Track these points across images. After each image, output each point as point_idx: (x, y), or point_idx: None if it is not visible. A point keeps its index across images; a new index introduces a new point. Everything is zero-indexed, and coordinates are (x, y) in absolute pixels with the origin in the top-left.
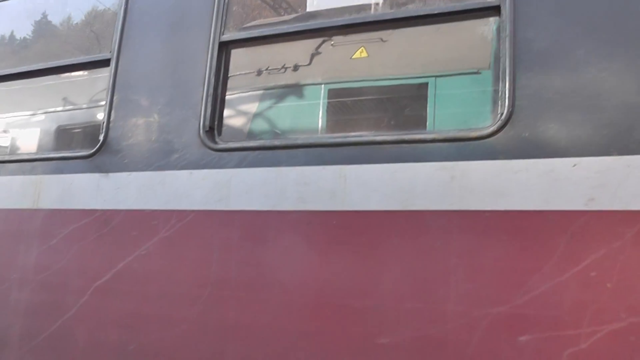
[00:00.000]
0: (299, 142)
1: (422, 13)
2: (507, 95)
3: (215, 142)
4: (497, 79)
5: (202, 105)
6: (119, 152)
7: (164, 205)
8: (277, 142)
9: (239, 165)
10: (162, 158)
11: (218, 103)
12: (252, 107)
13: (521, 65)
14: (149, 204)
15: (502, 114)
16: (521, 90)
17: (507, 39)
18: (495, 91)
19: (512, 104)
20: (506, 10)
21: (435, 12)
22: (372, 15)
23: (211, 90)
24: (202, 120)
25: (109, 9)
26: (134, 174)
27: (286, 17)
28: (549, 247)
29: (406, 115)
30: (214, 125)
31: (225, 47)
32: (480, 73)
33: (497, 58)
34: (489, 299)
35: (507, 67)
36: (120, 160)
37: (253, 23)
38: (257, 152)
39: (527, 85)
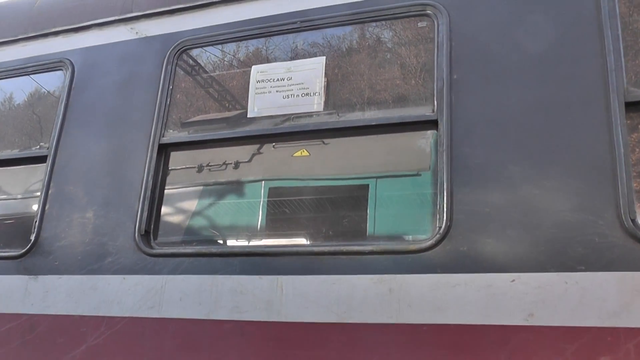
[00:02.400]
0: (236, 250)
1: (362, 124)
2: (445, 209)
3: (150, 247)
4: (435, 192)
5: (138, 208)
6: (50, 253)
7: (94, 311)
8: (213, 249)
9: (174, 271)
10: (95, 261)
11: (155, 206)
12: (190, 211)
13: (458, 180)
14: (78, 309)
15: (440, 228)
16: (459, 205)
17: (445, 154)
18: (434, 203)
19: (450, 218)
20: (443, 124)
21: (374, 123)
22: (312, 124)
23: (148, 193)
24: (138, 224)
25: (49, 102)
26: (64, 277)
27: (228, 114)
28: None
29: (346, 216)
30: (150, 230)
31: (164, 150)
32: (420, 175)
33: (434, 171)
34: None
35: (444, 181)
36: (51, 262)
37: (195, 118)
38: (193, 258)
39: (464, 199)
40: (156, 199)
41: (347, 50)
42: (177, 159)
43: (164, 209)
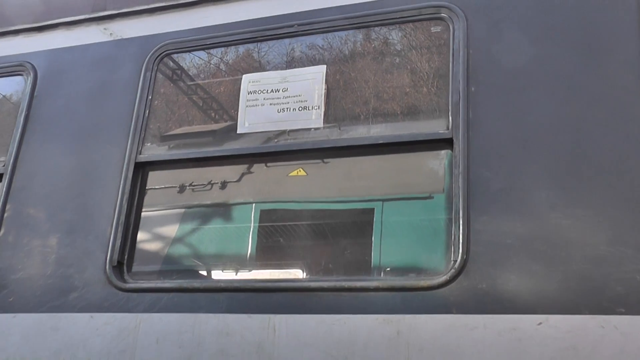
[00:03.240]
0: (222, 284)
1: (367, 142)
2: (460, 240)
3: (123, 281)
4: (449, 219)
5: (110, 235)
6: (3, 287)
7: (54, 356)
8: (196, 284)
9: (150, 308)
10: (58, 297)
11: (130, 233)
12: (170, 238)
13: (476, 206)
14: (36, 353)
15: (455, 261)
16: (477, 235)
17: (460, 176)
18: (448, 232)
19: (467, 250)
20: (459, 143)
21: (380, 141)
22: (311, 141)
23: (122, 218)
24: (110, 253)
25: (6, 111)
26: (20, 315)
27: (215, 128)
28: None
29: (348, 246)
30: (124, 260)
31: (141, 168)
32: (433, 198)
33: (449, 195)
34: None
35: (460, 207)
36: (4, 298)
37: (177, 131)
38: (172, 294)
39: (483, 229)
40: (131, 224)
41: (351, 59)
42: (156, 178)
43: (140, 237)
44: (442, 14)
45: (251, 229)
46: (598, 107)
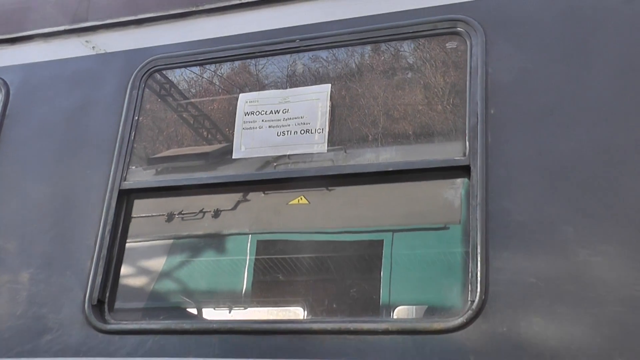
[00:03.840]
0: (214, 325)
1: (375, 170)
2: (479, 278)
3: (104, 321)
4: (466, 254)
5: (90, 270)
6: None
7: None
8: (185, 325)
9: (134, 352)
10: (29, 340)
11: (112, 268)
12: (157, 274)
13: (497, 241)
14: None
15: (472, 302)
16: (497, 273)
17: (479, 208)
18: (465, 269)
19: (486, 290)
20: (477, 171)
21: (391, 169)
22: (314, 168)
23: (104, 252)
24: (90, 291)
25: None
26: None
27: (208, 151)
28: None
29: (354, 282)
30: (105, 298)
31: (126, 196)
32: (448, 229)
33: (465, 228)
34: None
35: (478, 242)
36: None
37: (166, 153)
38: (159, 336)
39: (504, 266)
40: (114, 258)
41: (358, 77)
42: (142, 206)
43: (123, 272)
44: (459, 29)
45: (247, 263)
46: (632, 133)
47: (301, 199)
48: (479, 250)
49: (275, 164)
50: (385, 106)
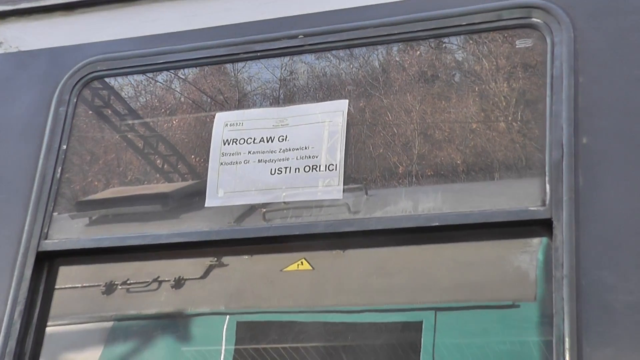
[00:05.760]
0: None
1: (410, 225)
2: None
3: None
4: (546, 346)
5: None
6: None
7: None
8: None
9: None
10: None
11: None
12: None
13: (592, 332)
14: None
15: None
16: None
17: (566, 281)
18: None
19: None
20: (562, 228)
21: (434, 224)
22: (323, 223)
23: (13, 341)
24: None
25: None
26: None
27: (168, 189)
28: None
29: None
30: None
31: (47, 261)
32: (519, 307)
33: (543, 306)
34: None
35: (564, 332)
36: None
37: (107, 195)
38: None
39: None
40: (28, 350)
41: (384, 83)
42: (70, 275)
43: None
44: (534, 19)
45: (222, 355)
46: None
47: (302, 263)
48: (567, 343)
49: (265, 213)
50: (423, 124)
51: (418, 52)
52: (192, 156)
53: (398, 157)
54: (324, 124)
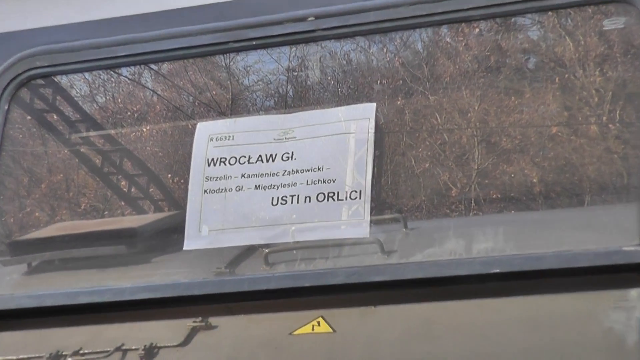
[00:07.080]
0: None
1: (466, 272)
2: None
3: None
4: None
5: None
6: None
7: None
8: None
9: None
10: None
11: None
12: None
13: None
14: None
15: None
16: None
17: None
18: None
19: None
20: None
21: (497, 270)
22: (344, 270)
23: None
24: None
25: None
26: None
27: (132, 222)
28: None
29: None
30: None
31: None
32: None
33: None
34: None
35: None
36: None
37: (50, 232)
38: None
39: None
40: None
41: (432, 82)
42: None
43: None
44: None
45: None
46: None
47: (319, 324)
48: None
49: (267, 255)
50: (485, 128)
51: (477, 30)
52: (169, 175)
53: (450, 175)
54: (344, 136)
